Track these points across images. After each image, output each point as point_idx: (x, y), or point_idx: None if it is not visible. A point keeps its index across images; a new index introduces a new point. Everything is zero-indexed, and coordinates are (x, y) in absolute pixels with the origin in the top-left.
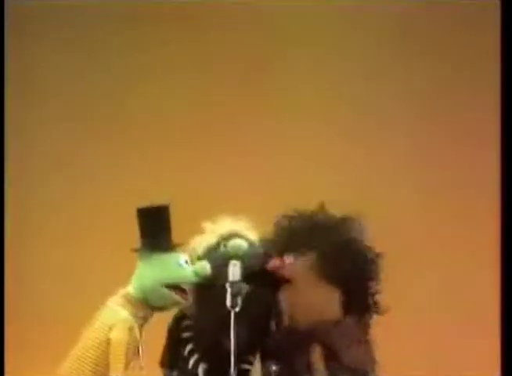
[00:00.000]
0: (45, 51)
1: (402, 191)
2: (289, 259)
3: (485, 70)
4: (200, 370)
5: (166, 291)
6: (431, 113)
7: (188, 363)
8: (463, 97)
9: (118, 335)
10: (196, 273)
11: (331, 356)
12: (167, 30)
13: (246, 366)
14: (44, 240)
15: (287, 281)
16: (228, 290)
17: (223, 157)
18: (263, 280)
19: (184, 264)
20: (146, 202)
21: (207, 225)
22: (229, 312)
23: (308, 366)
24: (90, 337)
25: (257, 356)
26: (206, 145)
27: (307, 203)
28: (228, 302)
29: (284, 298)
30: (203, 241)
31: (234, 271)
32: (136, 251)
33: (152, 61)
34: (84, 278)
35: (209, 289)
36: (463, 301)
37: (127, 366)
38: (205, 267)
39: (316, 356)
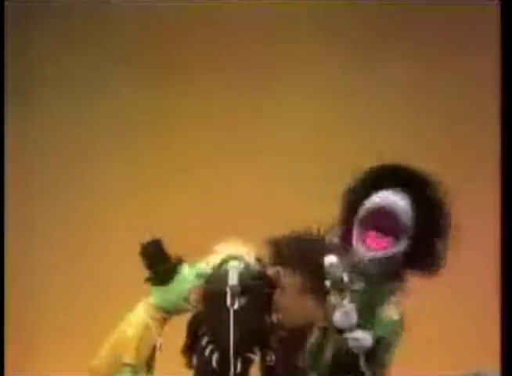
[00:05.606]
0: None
1: None
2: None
3: (485, 70)
4: (214, 358)
5: (183, 303)
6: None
7: (204, 352)
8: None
9: (132, 331)
10: (198, 275)
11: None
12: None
13: (251, 356)
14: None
15: (282, 288)
16: (228, 292)
17: (226, 186)
18: (258, 287)
19: (187, 275)
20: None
21: (217, 248)
22: (229, 310)
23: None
24: (119, 331)
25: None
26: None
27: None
28: (228, 302)
29: (277, 303)
30: (210, 261)
31: (233, 276)
32: (148, 280)
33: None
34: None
35: (213, 294)
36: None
37: (137, 356)
38: (205, 268)
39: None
